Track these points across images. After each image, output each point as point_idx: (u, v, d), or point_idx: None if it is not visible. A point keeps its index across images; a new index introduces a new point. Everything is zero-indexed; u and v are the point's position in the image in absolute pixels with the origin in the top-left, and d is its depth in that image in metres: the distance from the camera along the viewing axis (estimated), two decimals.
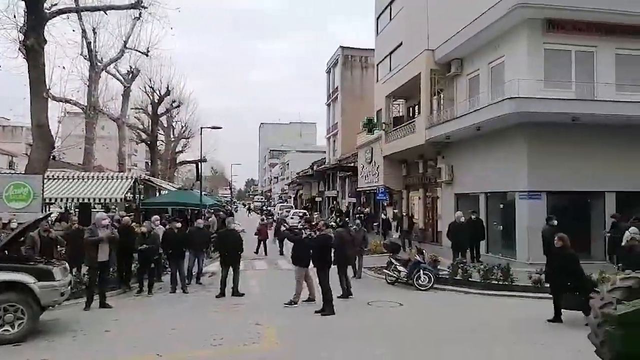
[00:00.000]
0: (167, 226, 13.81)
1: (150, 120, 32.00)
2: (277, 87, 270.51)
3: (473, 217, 16.64)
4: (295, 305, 10.62)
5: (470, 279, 12.62)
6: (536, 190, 16.20)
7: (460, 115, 19.22)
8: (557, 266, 9.04)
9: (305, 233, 11.13)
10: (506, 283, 11.96)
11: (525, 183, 16.23)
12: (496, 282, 12.12)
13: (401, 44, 27.71)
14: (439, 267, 13.37)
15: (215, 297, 11.63)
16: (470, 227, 16.09)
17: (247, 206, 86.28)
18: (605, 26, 16.74)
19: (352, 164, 37.65)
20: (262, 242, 20.81)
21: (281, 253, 19.67)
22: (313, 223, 15.05)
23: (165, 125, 38.10)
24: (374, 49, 34.56)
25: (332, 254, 10.98)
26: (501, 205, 18.29)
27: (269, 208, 62.39)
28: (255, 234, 21.08)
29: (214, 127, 26.36)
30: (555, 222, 13.73)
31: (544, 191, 16.20)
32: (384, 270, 14.00)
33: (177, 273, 12.54)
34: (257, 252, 20.33)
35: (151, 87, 30.94)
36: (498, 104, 16.22)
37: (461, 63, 20.86)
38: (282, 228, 12.00)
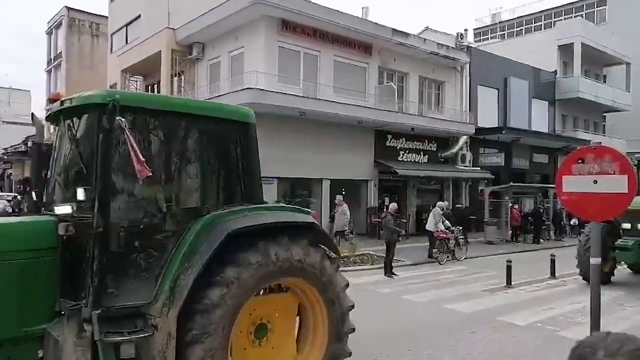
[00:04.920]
0: None
1: None
2: None
3: None
4: None
5: None
6: (270, 176, 17.63)
7: (202, 100, 19.30)
8: None
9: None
10: None
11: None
12: None
13: (139, 16, 25.98)
14: None
15: None
16: None
17: None
18: (327, 35, 19.30)
19: None
20: None
21: None
22: None
23: None
24: (107, 16, 31.45)
25: None
26: None
27: None
28: None
29: None
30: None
31: (276, 177, 17.82)
32: None
33: None
34: None
35: None
36: (237, 93, 16.97)
37: (203, 48, 20.93)
38: None
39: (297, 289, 4.70)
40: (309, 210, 5.31)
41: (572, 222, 22.68)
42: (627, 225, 11.11)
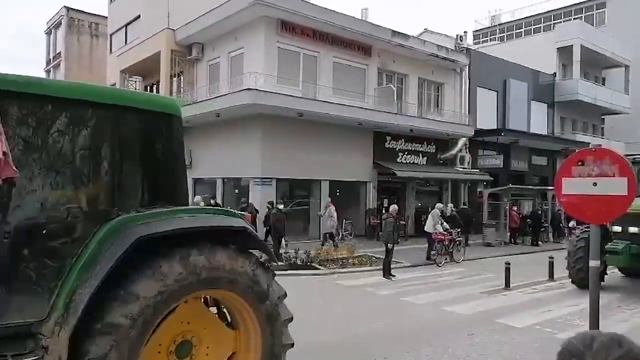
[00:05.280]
0: None
1: None
2: None
3: (212, 202, 17.05)
4: None
5: None
6: (268, 177, 17.67)
7: (201, 100, 19.33)
8: None
9: None
10: None
11: (259, 171, 17.50)
12: None
13: (139, 16, 25.99)
14: None
15: None
16: None
17: None
18: (327, 36, 19.31)
19: None
20: None
21: None
22: None
23: None
24: (106, 17, 31.47)
25: None
26: (236, 190, 19.29)
27: None
28: None
29: None
30: (282, 206, 15.28)
31: (274, 178, 17.82)
32: None
33: None
34: None
35: None
36: (236, 93, 16.95)
37: (202, 48, 20.94)
38: None
39: (225, 301, 4.19)
40: (241, 213, 4.90)
41: (570, 225, 22.68)
42: (617, 229, 10.81)
